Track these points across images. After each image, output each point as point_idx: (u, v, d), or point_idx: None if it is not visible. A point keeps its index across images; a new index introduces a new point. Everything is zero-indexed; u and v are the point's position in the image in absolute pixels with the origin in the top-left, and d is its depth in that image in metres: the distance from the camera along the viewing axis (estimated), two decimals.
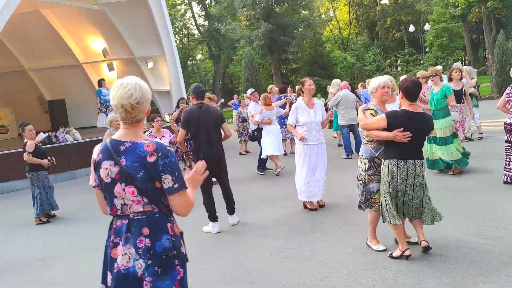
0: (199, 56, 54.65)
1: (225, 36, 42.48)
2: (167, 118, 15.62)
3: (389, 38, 44.40)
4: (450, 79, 9.00)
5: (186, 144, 10.06)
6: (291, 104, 9.53)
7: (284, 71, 29.79)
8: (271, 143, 9.23)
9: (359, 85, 14.74)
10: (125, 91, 2.32)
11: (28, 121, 16.49)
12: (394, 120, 4.19)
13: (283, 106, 10.40)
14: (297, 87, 10.03)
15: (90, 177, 2.51)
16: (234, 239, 5.53)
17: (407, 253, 4.34)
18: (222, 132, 5.91)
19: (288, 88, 13.59)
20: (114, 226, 2.42)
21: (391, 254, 4.49)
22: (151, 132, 8.10)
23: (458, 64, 10.44)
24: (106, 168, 2.36)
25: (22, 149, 7.55)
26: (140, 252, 2.30)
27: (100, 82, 13.82)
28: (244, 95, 14.57)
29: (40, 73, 18.15)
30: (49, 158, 7.45)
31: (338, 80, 12.19)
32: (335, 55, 31.89)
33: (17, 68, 17.55)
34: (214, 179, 5.96)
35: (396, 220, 4.29)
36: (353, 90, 11.16)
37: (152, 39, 16.37)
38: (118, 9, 15.49)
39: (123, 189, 2.33)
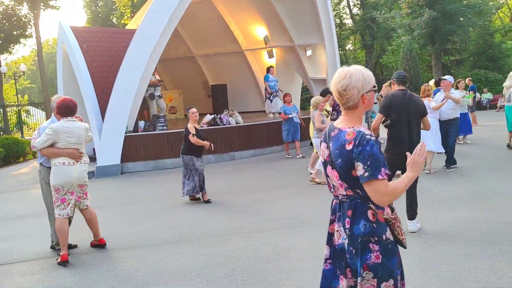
0: (348, 46, 53.61)
1: (379, 25, 40.82)
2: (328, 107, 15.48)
3: None
4: None
5: None
6: None
7: (444, 63, 27.56)
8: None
9: None
10: (335, 77, 2.44)
11: (193, 104, 17.88)
12: None
13: None
14: None
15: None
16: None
17: None
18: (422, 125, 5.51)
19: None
20: (332, 204, 2.56)
21: None
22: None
23: None
24: (322, 149, 2.55)
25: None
26: (347, 232, 2.41)
27: (268, 69, 14.28)
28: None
29: (206, 59, 19.43)
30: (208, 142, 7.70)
31: None
32: (506, 46, 28.47)
33: (187, 54, 19.02)
34: (398, 172, 5.50)
35: None
36: None
37: (313, 27, 16.33)
38: None
39: (331, 172, 2.46)
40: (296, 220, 6.18)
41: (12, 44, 32.54)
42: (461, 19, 25.61)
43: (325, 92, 9.49)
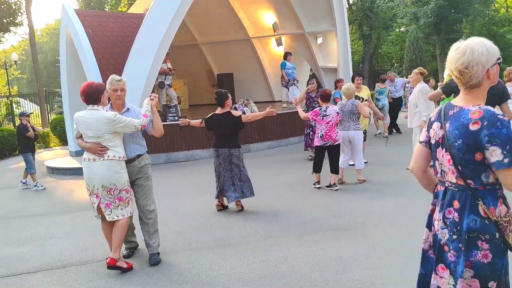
0: None
1: (377, 15, 40.24)
2: None
3: None
4: None
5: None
6: None
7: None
8: None
9: None
10: (452, 55, 2.22)
11: (197, 94, 17.12)
12: None
13: None
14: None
15: (422, 133, 2.47)
16: None
17: None
18: None
19: None
20: (436, 190, 2.41)
21: None
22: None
23: None
24: (434, 130, 2.35)
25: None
26: (447, 223, 2.25)
27: (286, 55, 13.53)
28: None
29: (210, 47, 18.66)
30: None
31: None
32: (509, 38, 28.07)
33: (191, 42, 18.24)
34: None
35: None
36: None
37: (324, 13, 15.67)
38: None
39: (442, 155, 2.28)
40: (348, 221, 5.58)
41: (1, 33, 31.35)
42: (468, 8, 25.06)
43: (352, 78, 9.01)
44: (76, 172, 10.59)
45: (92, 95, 4.37)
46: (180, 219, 6.15)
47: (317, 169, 7.32)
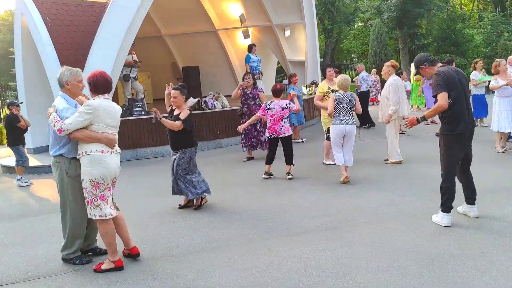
0: None
1: (339, 9, 40.49)
2: (304, 90, 14.65)
3: None
4: None
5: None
6: None
7: (410, 47, 27.48)
8: None
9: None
10: None
11: (160, 87, 16.50)
12: None
13: None
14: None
15: None
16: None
17: None
18: None
19: None
20: None
21: None
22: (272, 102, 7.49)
23: None
24: None
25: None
26: None
27: (251, 48, 13.06)
28: None
29: (175, 39, 18.05)
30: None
31: None
32: (468, 32, 28.79)
33: (154, 34, 17.55)
34: None
35: None
36: None
37: (292, 5, 15.44)
38: None
39: None
40: (336, 219, 5.29)
41: None
42: (429, 2, 25.45)
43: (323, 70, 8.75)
44: (37, 171, 9.87)
45: (106, 85, 4.22)
46: (155, 221, 5.69)
47: (268, 160, 7.53)
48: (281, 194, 6.53)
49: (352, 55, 46.36)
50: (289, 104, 7.52)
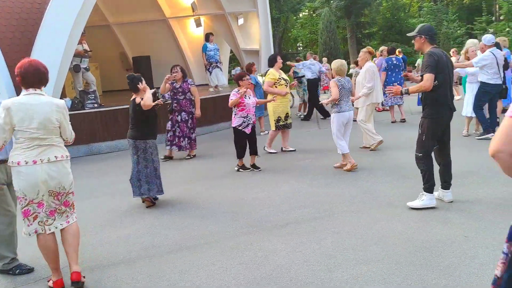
0: None
1: None
2: (260, 79, 14.49)
3: (455, 4, 41.35)
4: None
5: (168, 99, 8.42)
6: None
7: (357, 36, 28.04)
8: None
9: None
10: None
11: (111, 79, 15.87)
12: None
13: None
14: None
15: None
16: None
17: None
18: None
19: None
20: None
21: None
22: (238, 91, 7.02)
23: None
24: None
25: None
26: None
27: (208, 36, 12.73)
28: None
29: (123, 28, 17.31)
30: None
31: (475, 40, 10.83)
32: (409, 22, 29.82)
33: (101, 22, 16.73)
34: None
35: None
36: None
37: None
38: None
39: None
40: (315, 209, 5.19)
41: None
42: None
43: (274, 58, 8.51)
44: None
45: (38, 76, 3.51)
46: (125, 221, 5.35)
47: (241, 153, 7.22)
48: (253, 187, 6.35)
49: (298, 44, 46.75)
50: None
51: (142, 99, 5.51)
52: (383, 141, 7.89)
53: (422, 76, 4.73)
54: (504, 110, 8.62)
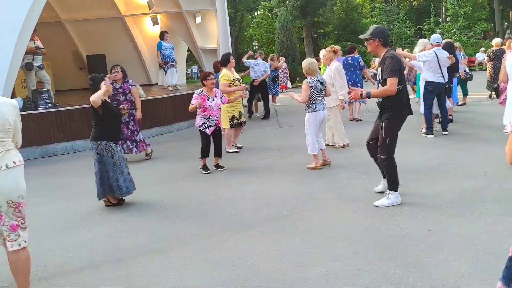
0: None
1: None
2: None
3: (405, 5, 42.85)
4: None
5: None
6: None
7: (313, 35, 28.44)
8: None
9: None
10: None
11: (64, 78, 15.35)
12: None
13: None
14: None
15: None
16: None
17: None
18: None
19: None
20: None
21: None
22: (202, 92, 6.91)
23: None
24: None
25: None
26: None
27: (163, 35, 12.51)
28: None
29: (77, 25, 16.74)
30: None
31: (426, 40, 11.21)
32: (363, 22, 30.59)
33: (52, 19, 16.10)
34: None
35: None
36: None
37: None
38: None
39: None
40: (282, 208, 5.22)
41: None
42: None
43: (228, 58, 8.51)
44: None
45: None
46: (87, 224, 5.17)
47: (205, 153, 7.08)
48: (219, 187, 6.31)
49: (254, 43, 46.97)
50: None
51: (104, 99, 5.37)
52: (349, 145, 8.04)
53: (385, 80, 4.77)
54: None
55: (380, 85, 4.91)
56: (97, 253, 4.31)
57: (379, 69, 5.08)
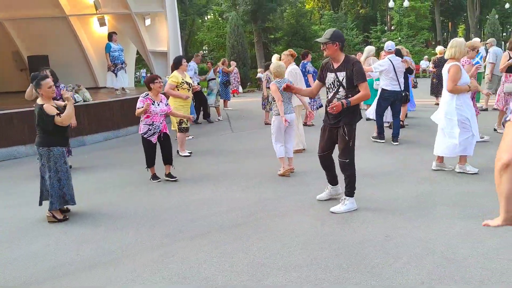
0: None
1: (191, 1, 40.42)
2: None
3: (352, 13, 44.12)
4: None
5: None
6: None
7: (264, 40, 28.56)
8: None
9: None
10: None
11: (3, 80, 14.50)
12: None
13: None
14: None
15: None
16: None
17: None
18: None
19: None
20: None
21: None
22: (147, 95, 6.55)
23: None
24: None
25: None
26: None
27: (111, 36, 12.03)
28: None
29: (17, 24, 15.84)
30: None
31: (371, 47, 11.46)
32: (312, 29, 31.10)
33: None
34: None
35: None
36: None
37: None
38: None
39: None
40: (238, 214, 5.05)
41: None
42: None
43: (179, 61, 8.34)
44: None
45: None
46: (27, 237, 4.77)
47: (151, 162, 6.70)
48: (170, 195, 6.03)
49: (204, 48, 46.67)
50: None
51: (59, 114, 4.99)
52: (304, 150, 8.01)
53: (354, 85, 4.70)
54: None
55: (340, 88, 4.80)
56: (40, 269, 3.95)
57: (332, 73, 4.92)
